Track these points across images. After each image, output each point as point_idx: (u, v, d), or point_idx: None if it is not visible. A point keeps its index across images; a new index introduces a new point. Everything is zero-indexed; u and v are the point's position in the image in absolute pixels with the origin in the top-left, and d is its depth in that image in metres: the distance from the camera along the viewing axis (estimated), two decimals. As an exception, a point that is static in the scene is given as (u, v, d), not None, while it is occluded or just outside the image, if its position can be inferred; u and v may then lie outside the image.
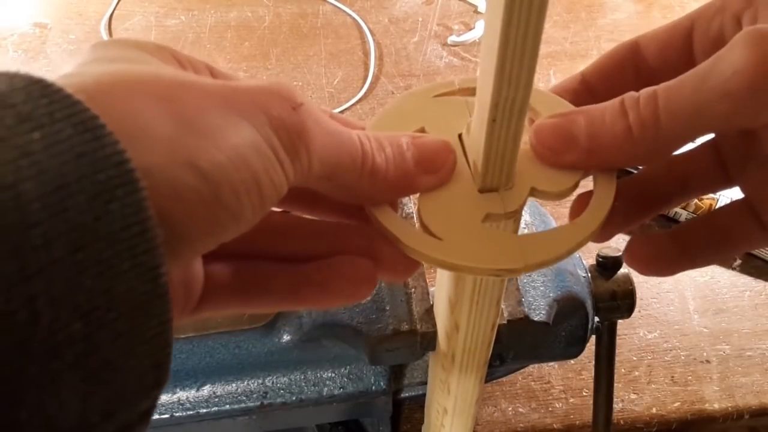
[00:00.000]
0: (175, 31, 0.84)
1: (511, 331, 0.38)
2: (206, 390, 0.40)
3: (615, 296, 0.42)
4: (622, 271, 0.43)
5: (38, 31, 0.84)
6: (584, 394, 0.56)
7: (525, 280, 0.40)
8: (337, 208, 0.25)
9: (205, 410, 0.40)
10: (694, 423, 0.55)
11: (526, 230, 0.40)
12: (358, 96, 0.77)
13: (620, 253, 0.42)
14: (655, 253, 0.27)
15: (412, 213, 0.37)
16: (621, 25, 0.87)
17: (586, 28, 0.87)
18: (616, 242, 0.28)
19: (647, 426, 0.55)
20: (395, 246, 0.23)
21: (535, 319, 0.38)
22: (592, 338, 0.44)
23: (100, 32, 0.83)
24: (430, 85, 0.27)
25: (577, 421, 0.54)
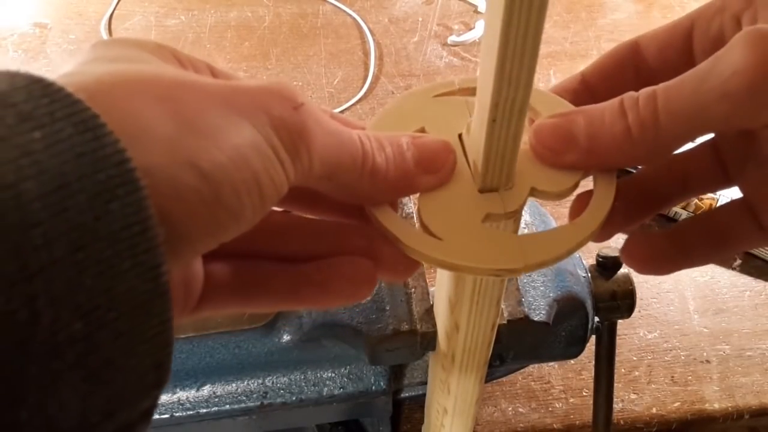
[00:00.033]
0: (175, 31, 0.84)
1: (511, 331, 0.38)
2: (206, 390, 0.40)
3: (615, 296, 0.42)
4: (622, 271, 0.43)
5: (38, 31, 0.84)
6: (584, 394, 0.56)
7: (525, 280, 0.40)
8: (337, 208, 0.25)
9: (205, 410, 0.40)
10: (694, 423, 0.55)
11: (526, 230, 0.40)
12: (358, 96, 0.77)
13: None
14: (653, 252, 0.27)
15: (412, 213, 0.37)
16: (621, 25, 0.87)
17: (586, 28, 0.87)
18: (615, 242, 0.28)
19: (647, 426, 0.55)
20: (395, 246, 0.23)
21: (535, 319, 0.38)
22: (592, 338, 0.44)
23: (100, 32, 0.83)
24: (430, 85, 0.27)
25: (577, 421, 0.54)
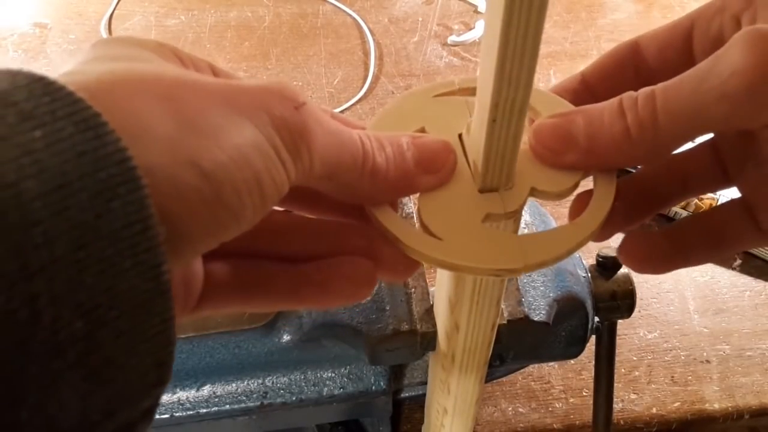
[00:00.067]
0: (175, 31, 0.84)
1: (511, 331, 0.38)
2: (206, 390, 0.40)
3: (615, 296, 0.42)
4: (622, 271, 0.43)
5: (38, 31, 0.83)
6: (584, 394, 0.56)
7: (525, 280, 0.40)
8: (337, 208, 0.25)
9: (205, 410, 0.40)
10: (694, 423, 0.55)
11: (526, 230, 0.40)
12: (358, 96, 0.77)
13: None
14: (650, 251, 0.27)
15: (412, 213, 0.37)
16: (621, 25, 0.87)
17: (586, 28, 0.87)
18: (615, 242, 0.28)
19: (647, 426, 0.55)
20: (395, 246, 0.23)
21: (535, 319, 0.38)
22: (592, 338, 0.44)
23: (100, 32, 0.83)
24: (430, 85, 0.27)
25: (577, 421, 0.54)
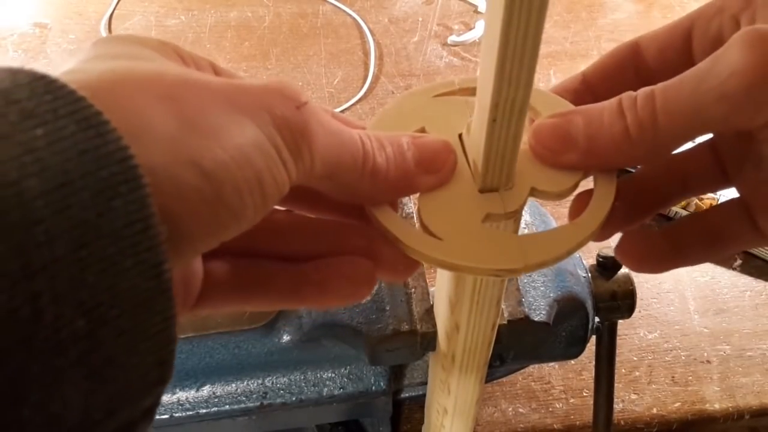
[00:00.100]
0: (175, 31, 0.84)
1: (512, 332, 0.38)
2: (206, 390, 0.40)
3: (615, 296, 0.42)
4: (623, 271, 0.43)
5: (38, 31, 0.83)
6: (585, 394, 0.56)
7: (525, 281, 0.40)
8: (337, 207, 0.25)
9: (204, 411, 0.40)
10: (694, 423, 0.55)
11: (527, 230, 0.40)
12: (358, 96, 0.77)
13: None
14: (648, 250, 0.27)
15: (412, 213, 0.37)
16: (621, 25, 0.87)
17: (586, 28, 0.87)
18: (616, 242, 0.28)
19: (648, 426, 0.55)
20: (395, 246, 0.23)
21: (536, 319, 0.38)
22: (593, 338, 0.44)
23: (100, 32, 0.83)
24: (430, 85, 0.27)
25: (578, 422, 0.54)
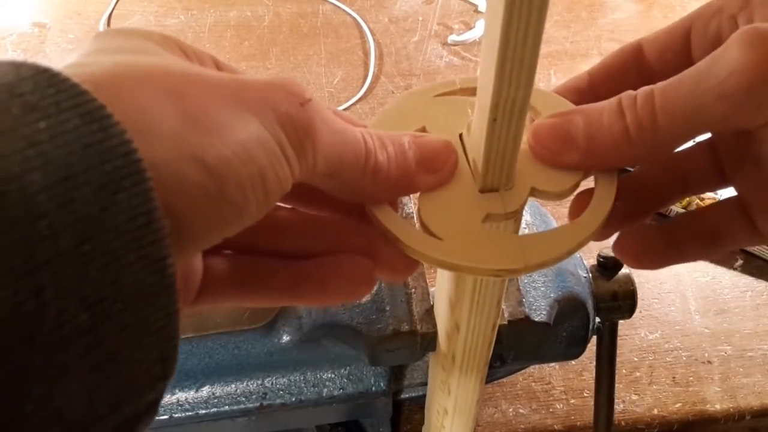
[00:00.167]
0: (175, 31, 0.84)
1: (512, 332, 0.38)
2: (205, 391, 0.40)
3: (616, 297, 0.42)
4: (624, 271, 0.43)
5: (37, 31, 0.83)
6: (585, 395, 0.56)
7: (526, 281, 0.39)
8: (338, 206, 0.25)
9: (204, 411, 0.40)
10: (695, 424, 0.55)
11: (527, 230, 0.40)
12: (358, 95, 0.77)
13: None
14: (645, 246, 0.27)
15: (412, 213, 0.36)
16: (622, 25, 0.87)
17: (586, 28, 0.87)
18: (614, 239, 0.28)
19: (648, 427, 0.55)
20: (395, 245, 0.23)
21: (536, 319, 0.38)
22: (593, 339, 0.44)
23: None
24: (430, 85, 0.27)
25: (578, 422, 0.54)
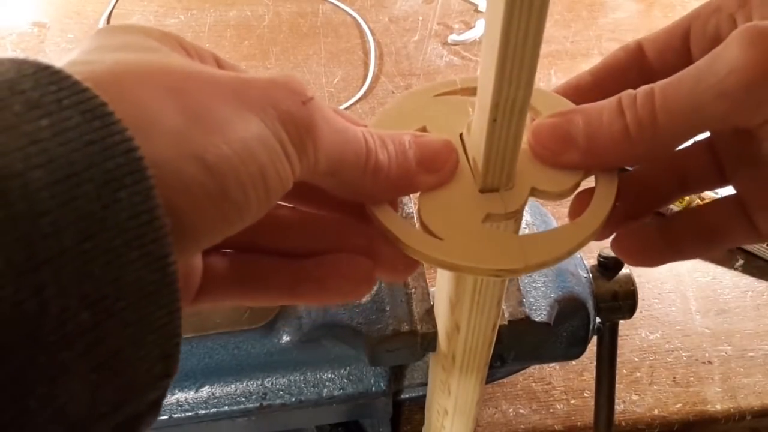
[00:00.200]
0: (174, 31, 0.83)
1: (512, 332, 0.38)
2: (205, 391, 0.40)
3: (616, 297, 0.42)
4: (624, 271, 0.43)
5: (37, 31, 0.83)
6: (586, 395, 0.55)
7: (526, 281, 0.39)
8: (338, 205, 0.25)
9: (203, 411, 0.40)
10: (695, 424, 0.55)
11: (527, 230, 0.40)
12: (358, 95, 0.77)
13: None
14: (643, 244, 0.27)
15: (412, 213, 0.36)
16: (622, 24, 0.87)
17: (587, 27, 0.87)
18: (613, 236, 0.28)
19: (649, 427, 0.55)
20: (395, 245, 0.23)
21: (536, 319, 0.38)
22: (594, 339, 0.44)
23: (100, 31, 0.83)
24: (431, 85, 0.27)
25: (579, 423, 0.54)
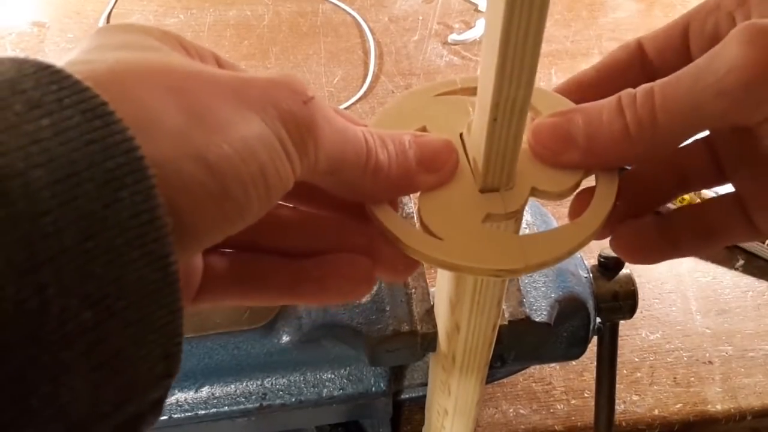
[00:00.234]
0: (174, 30, 0.83)
1: (513, 332, 0.38)
2: (205, 391, 0.40)
3: (617, 297, 0.42)
4: (625, 271, 0.42)
5: (36, 30, 0.83)
6: (586, 395, 0.55)
7: (526, 281, 0.39)
8: (338, 205, 0.25)
9: (203, 412, 0.40)
10: (696, 424, 0.55)
11: (528, 230, 0.40)
12: (358, 95, 0.77)
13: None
14: (641, 241, 0.27)
15: (412, 213, 0.36)
16: (622, 24, 0.87)
17: (587, 27, 0.86)
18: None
19: (649, 428, 0.55)
20: (395, 245, 0.23)
21: (537, 319, 0.38)
22: (594, 339, 0.44)
23: (100, 31, 0.83)
24: (431, 84, 0.27)
25: (579, 423, 0.54)
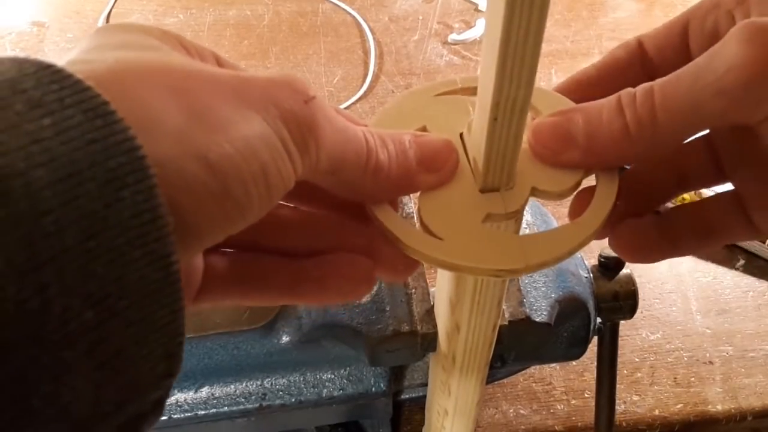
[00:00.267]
0: (173, 30, 0.83)
1: (513, 332, 0.38)
2: (204, 391, 0.40)
3: (617, 297, 0.42)
4: (625, 271, 0.42)
5: (36, 30, 0.83)
6: (586, 395, 0.55)
7: (526, 281, 0.39)
8: (338, 205, 0.25)
9: (203, 412, 0.40)
10: (696, 425, 0.55)
11: (528, 230, 0.40)
12: (358, 95, 0.76)
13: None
14: (640, 240, 0.27)
15: (413, 213, 0.36)
16: (622, 24, 0.87)
17: (587, 27, 0.86)
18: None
19: (650, 428, 0.54)
20: (395, 245, 0.23)
21: (537, 319, 0.38)
22: (594, 339, 0.44)
23: (99, 31, 0.83)
24: (431, 84, 0.27)
25: (579, 423, 0.54)
